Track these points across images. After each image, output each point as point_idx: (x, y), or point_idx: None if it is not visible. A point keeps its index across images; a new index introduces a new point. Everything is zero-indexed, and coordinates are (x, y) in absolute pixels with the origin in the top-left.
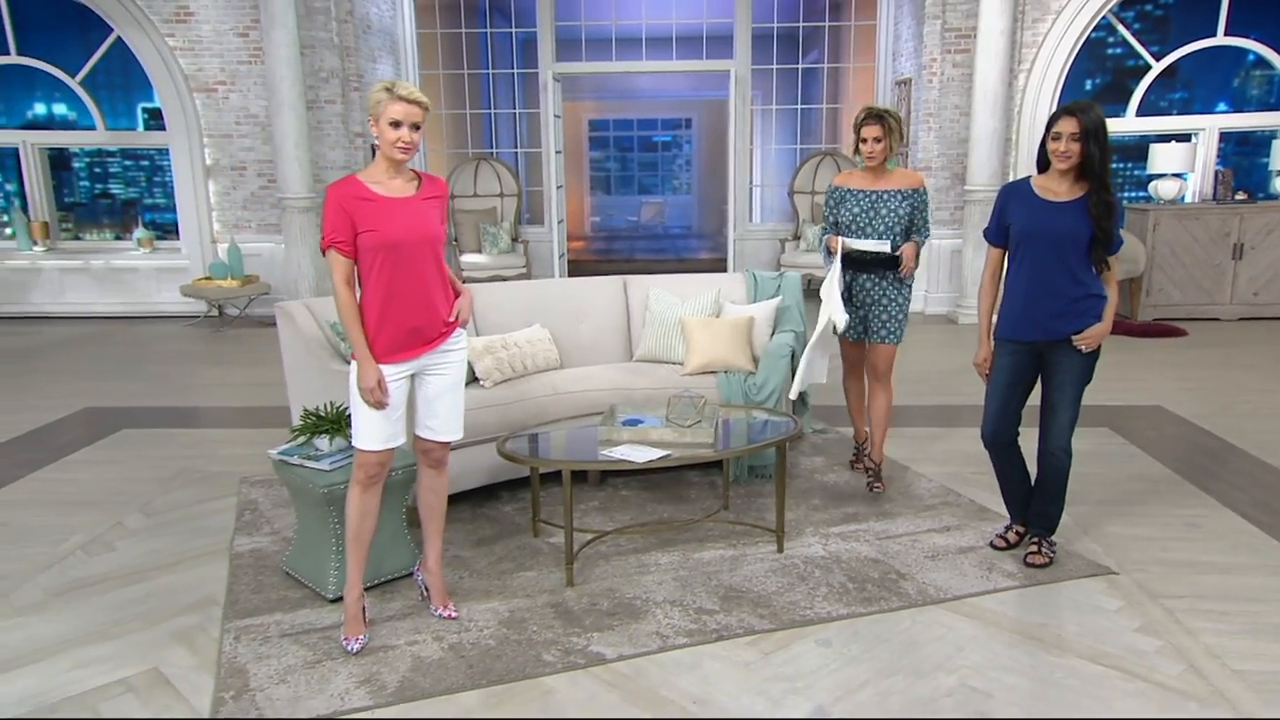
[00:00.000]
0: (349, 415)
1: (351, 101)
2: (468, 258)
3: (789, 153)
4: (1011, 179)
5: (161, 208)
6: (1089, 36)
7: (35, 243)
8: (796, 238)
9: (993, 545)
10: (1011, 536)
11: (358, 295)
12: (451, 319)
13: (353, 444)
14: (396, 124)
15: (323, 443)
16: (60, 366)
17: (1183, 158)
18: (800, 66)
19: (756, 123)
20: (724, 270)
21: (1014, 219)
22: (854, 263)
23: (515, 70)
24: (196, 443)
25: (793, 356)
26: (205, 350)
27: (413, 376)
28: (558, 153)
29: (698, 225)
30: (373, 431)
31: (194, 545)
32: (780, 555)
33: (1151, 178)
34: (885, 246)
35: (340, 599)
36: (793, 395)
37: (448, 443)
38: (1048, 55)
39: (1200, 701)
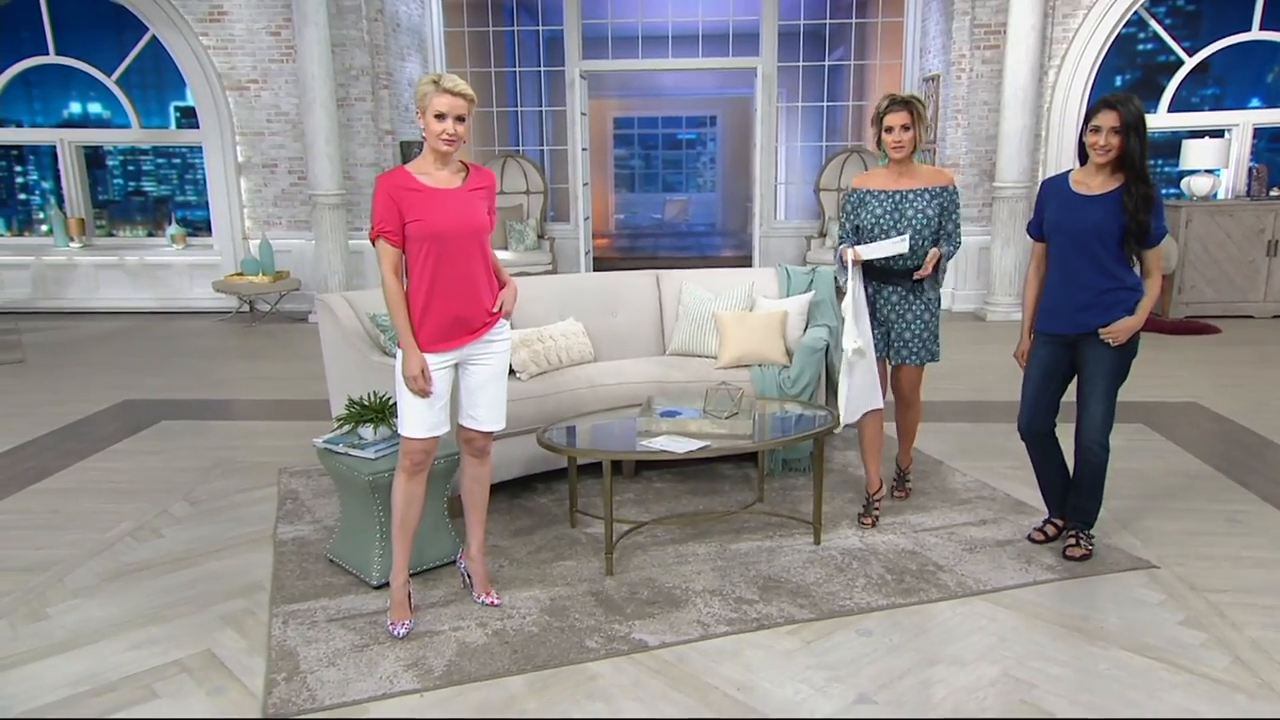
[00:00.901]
0: (393, 404)
1: (381, 99)
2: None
3: (815, 150)
4: (1041, 176)
5: (193, 205)
6: (1120, 32)
7: (71, 239)
8: (822, 234)
9: (1030, 539)
10: (1049, 530)
11: (405, 285)
12: (495, 309)
13: (398, 432)
14: (441, 116)
15: (367, 432)
16: (98, 360)
17: (1216, 153)
18: (826, 63)
19: (782, 120)
20: (748, 267)
21: (1048, 212)
22: (877, 273)
23: (541, 68)
24: (234, 434)
25: (827, 350)
26: (238, 345)
27: (456, 366)
28: (584, 150)
29: (722, 222)
30: (418, 419)
31: (238, 533)
32: (817, 547)
33: (1184, 174)
34: (902, 246)
35: (384, 585)
36: (845, 420)
37: (491, 432)
38: (1078, 51)
39: (1248, 694)
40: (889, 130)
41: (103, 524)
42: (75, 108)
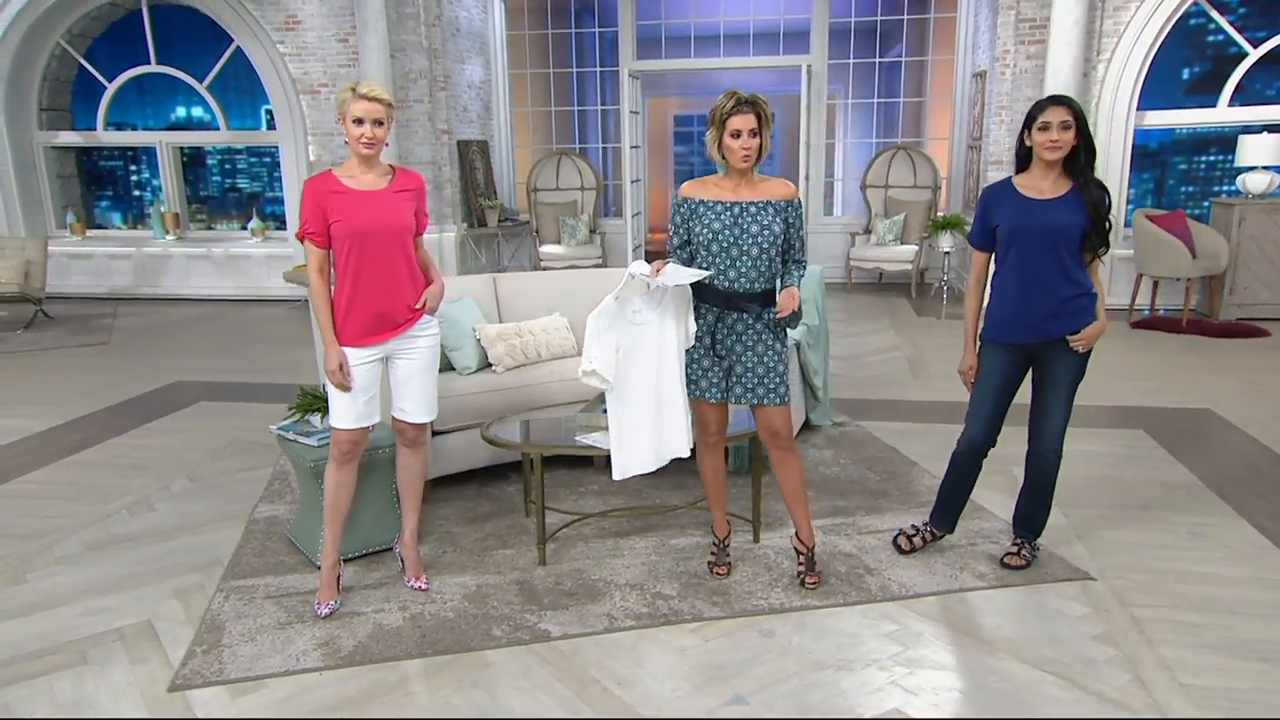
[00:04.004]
0: None
1: (439, 101)
2: (546, 248)
3: (872, 146)
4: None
5: (281, 200)
6: (1187, 23)
7: (168, 232)
8: (867, 231)
9: (896, 544)
10: (918, 542)
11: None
12: (418, 306)
13: (330, 425)
14: (359, 121)
15: (316, 420)
16: (171, 344)
17: (1275, 149)
18: (877, 60)
19: (842, 117)
20: None
21: (1000, 220)
22: (720, 297)
23: (600, 68)
24: (261, 416)
25: (799, 349)
26: (298, 331)
27: (385, 360)
28: (634, 148)
29: None
30: (346, 411)
31: (222, 510)
32: (755, 545)
33: (1240, 170)
34: (701, 275)
35: None
36: (617, 475)
37: (421, 424)
38: (1128, 44)
39: (1133, 714)
40: (735, 135)
41: (108, 497)
42: (180, 112)
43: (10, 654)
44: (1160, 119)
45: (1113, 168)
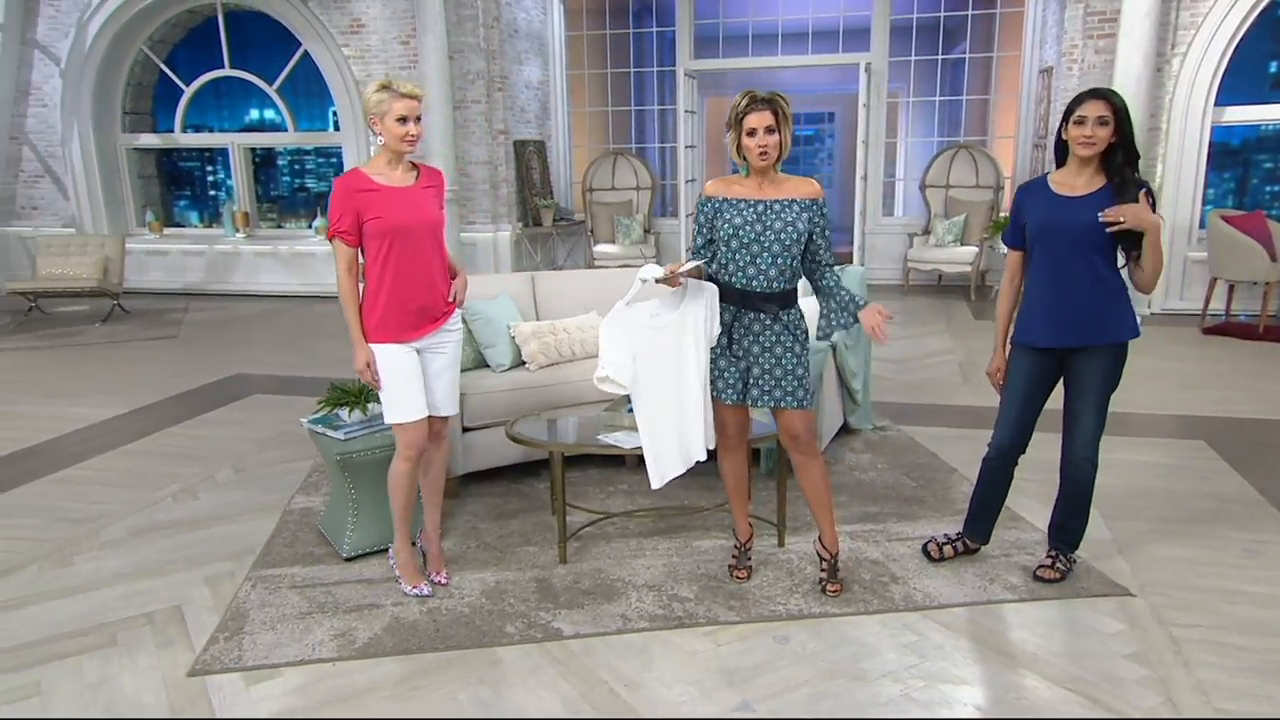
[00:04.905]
0: (369, 391)
1: (495, 101)
2: (601, 247)
3: (936, 145)
4: (1160, 173)
5: None
6: (1274, 14)
7: (238, 230)
8: (926, 232)
9: (926, 551)
10: (948, 551)
11: (360, 283)
12: (451, 300)
13: (393, 421)
14: (403, 120)
15: (344, 414)
16: (235, 338)
17: None
18: (940, 58)
19: (904, 115)
20: (849, 263)
21: (1029, 217)
22: (736, 297)
23: (657, 68)
24: (309, 409)
25: (836, 351)
26: None
27: (418, 353)
28: (690, 147)
29: (840, 218)
30: (409, 403)
31: (261, 500)
32: (779, 549)
33: None
34: (698, 261)
35: (354, 558)
36: (655, 483)
37: (446, 417)
38: (1206, 37)
39: None
40: (751, 133)
41: (157, 484)
42: (254, 114)
43: (48, 633)
44: (1240, 115)
45: (1187, 166)
